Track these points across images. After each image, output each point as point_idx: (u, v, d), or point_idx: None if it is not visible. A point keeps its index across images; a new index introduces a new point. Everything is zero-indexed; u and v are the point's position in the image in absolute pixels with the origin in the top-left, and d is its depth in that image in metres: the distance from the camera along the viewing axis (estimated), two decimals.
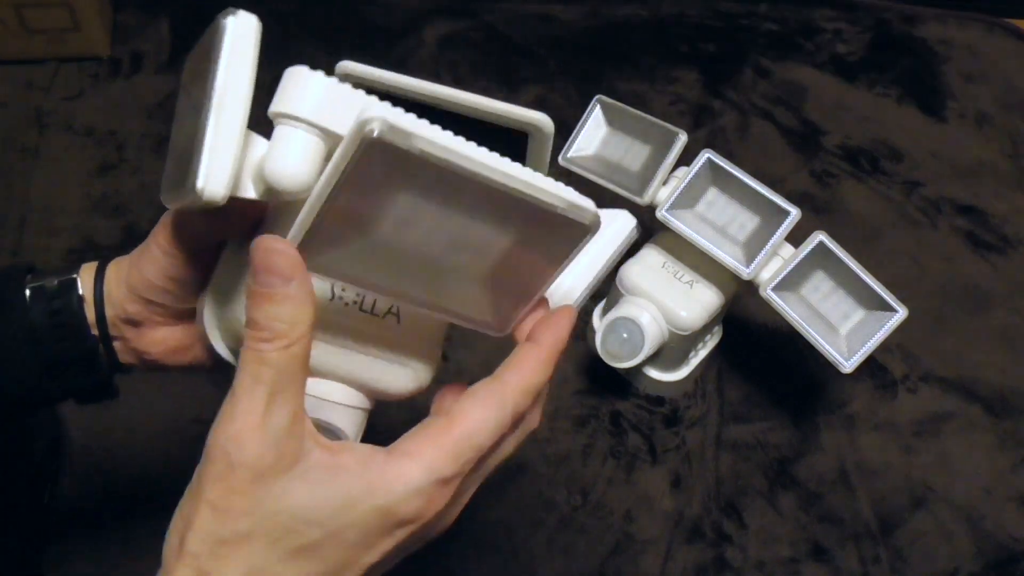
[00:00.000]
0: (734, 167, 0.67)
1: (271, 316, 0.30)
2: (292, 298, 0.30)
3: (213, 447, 0.30)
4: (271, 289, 0.30)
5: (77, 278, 0.43)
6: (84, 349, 0.43)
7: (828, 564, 0.70)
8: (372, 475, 0.30)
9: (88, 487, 0.68)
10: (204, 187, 0.32)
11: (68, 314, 0.42)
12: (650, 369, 0.75)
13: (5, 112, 0.92)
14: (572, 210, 0.32)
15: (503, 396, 0.33)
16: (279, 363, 0.30)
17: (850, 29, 1.10)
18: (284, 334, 0.30)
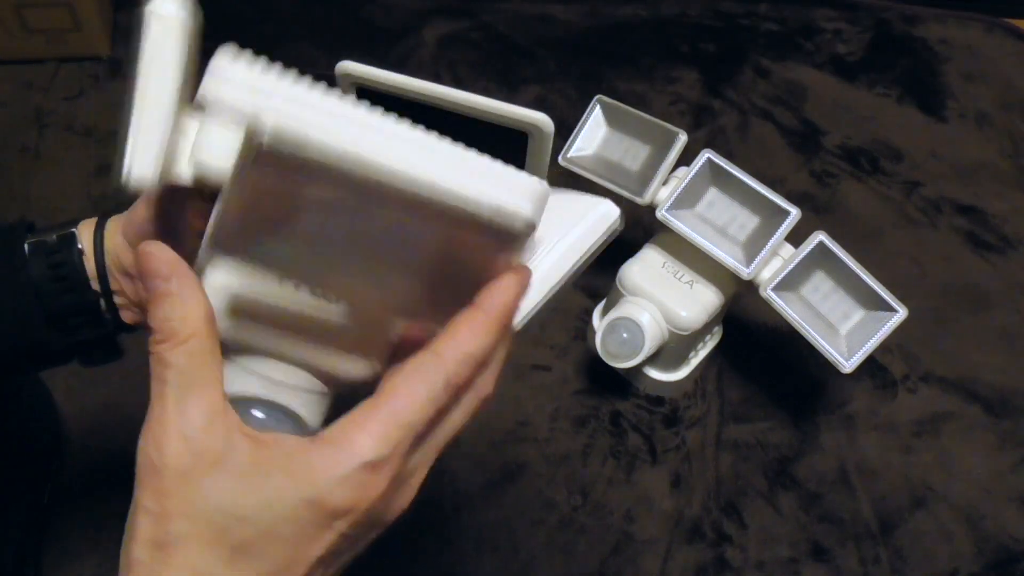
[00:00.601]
0: (734, 167, 0.67)
1: (160, 317, 0.30)
2: (175, 295, 0.30)
3: (139, 454, 0.30)
4: (155, 291, 0.30)
5: (76, 232, 0.45)
6: (86, 302, 0.43)
7: (828, 564, 0.70)
8: (296, 466, 0.29)
9: (88, 487, 0.68)
10: (129, 174, 0.32)
11: (68, 267, 0.43)
12: (650, 369, 0.75)
13: (5, 112, 0.92)
14: (499, 216, 0.29)
15: (435, 368, 0.30)
16: (178, 362, 0.30)
17: (850, 29, 1.10)
18: (176, 332, 0.30)
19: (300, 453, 0.29)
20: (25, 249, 0.44)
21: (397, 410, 0.30)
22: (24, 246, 0.44)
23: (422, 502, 0.74)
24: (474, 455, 0.73)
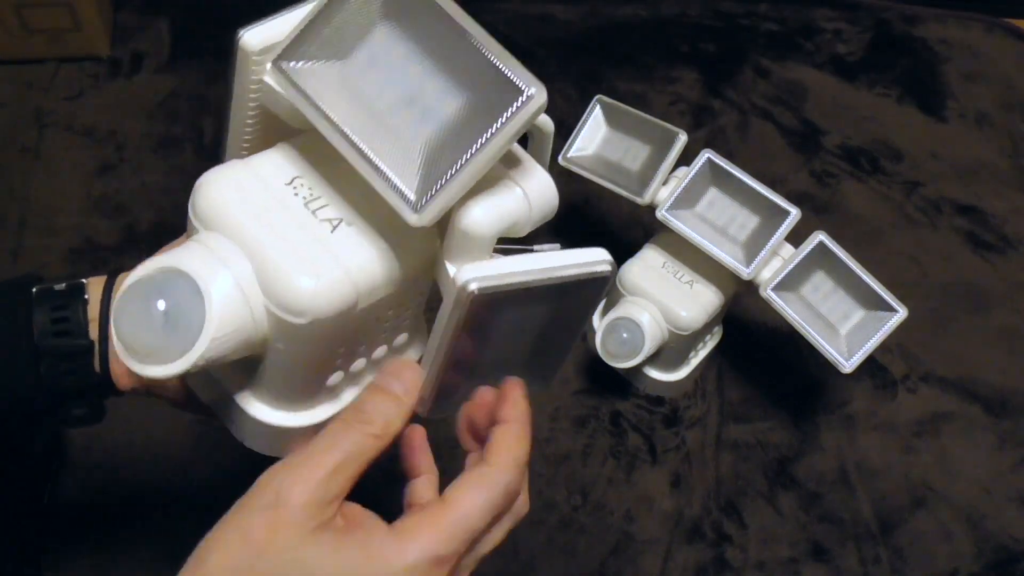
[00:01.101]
0: (734, 167, 0.67)
1: (378, 409, 0.35)
2: (403, 404, 0.36)
3: (266, 483, 0.33)
4: (390, 389, 0.36)
5: (85, 283, 0.44)
6: (79, 347, 0.43)
7: (828, 564, 0.70)
8: (374, 549, 0.32)
9: (88, 487, 0.68)
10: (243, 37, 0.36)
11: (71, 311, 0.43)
12: (650, 369, 0.75)
13: (5, 112, 0.92)
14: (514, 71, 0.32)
15: (493, 476, 0.35)
16: (361, 445, 0.34)
17: (850, 29, 1.10)
18: (378, 425, 0.35)
19: (378, 537, 0.33)
20: (32, 293, 0.44)
21: (465, 514, 0.34)
22: (31, 291, 0.44)
23: None
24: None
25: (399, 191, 0.33)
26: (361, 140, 0.33)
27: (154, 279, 0.34)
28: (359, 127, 0.34)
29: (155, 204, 0.86)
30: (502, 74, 0.32)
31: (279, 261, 0.34)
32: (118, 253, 0.81)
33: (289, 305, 0.34)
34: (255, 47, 0.36)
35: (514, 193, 0.36)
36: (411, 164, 0.33)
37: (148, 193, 0.87)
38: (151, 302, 0.33)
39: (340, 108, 0.34)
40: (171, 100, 0.93)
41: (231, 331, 0.34)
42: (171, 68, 0.97)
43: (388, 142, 0.33)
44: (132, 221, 0.84)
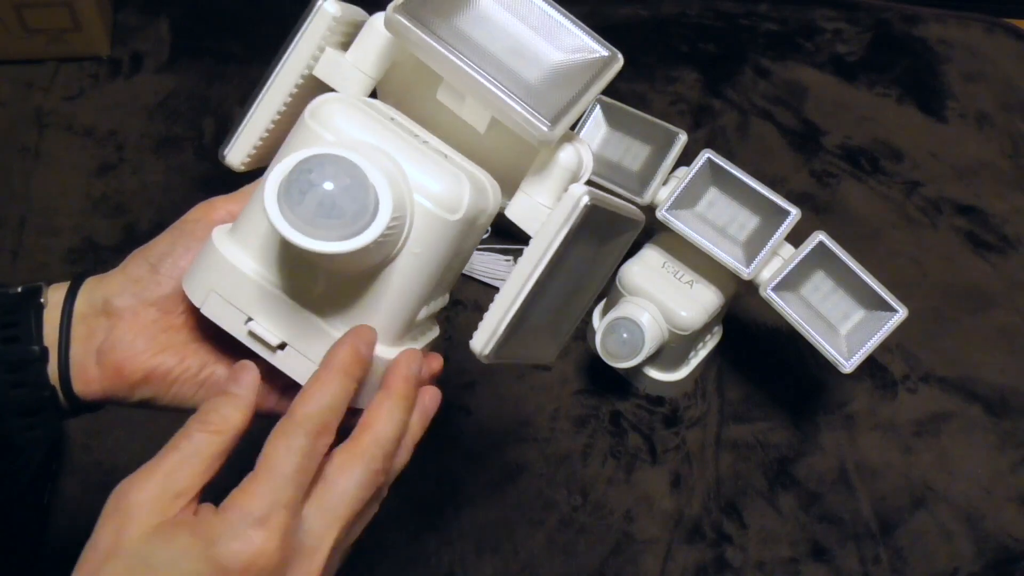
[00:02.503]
0: (734, 167, 0.67)
1: (214, 407, 0.36)
2: (239, 399, 0.36)
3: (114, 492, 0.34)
4: (227, 389, 0.37)
5: (43, 286, 0.42)
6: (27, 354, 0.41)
7: (828, 564, 0.70)
8: (202, 526, 0.33)
9: (88, 487, 0.68)
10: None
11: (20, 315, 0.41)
12: (650, 369, 0.75)
13: (5, 112, 0.92)
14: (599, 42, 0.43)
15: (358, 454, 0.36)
16: (199, 441, 0.35)
17: (850, 29, 1.10)
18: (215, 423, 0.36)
19: (207, 514, 0.33)
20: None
21: (268, 468, 0.34)
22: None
23: (422, 502, 0.74)
24: (474, 455, 0.73)
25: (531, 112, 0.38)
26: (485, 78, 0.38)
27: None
28: (482, 66, 0.38)
29: (155, 204, 0.86)
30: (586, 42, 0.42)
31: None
32: (118, 253, 0.81)
33: (446, 200, 0.38)
34: (335, 11, 0.42)
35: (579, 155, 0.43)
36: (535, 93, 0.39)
37: (148, 193, 0.87)
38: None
39: (462, 50, 0.38)
40: (171, 100, 0.93)
41: (399, 216, 0.36)
42: (171, 68, 0.97)
43: (508, 80, 0.38)
44: (132, 221, 0.84)
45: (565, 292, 0.43)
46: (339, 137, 0.38)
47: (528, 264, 0.39)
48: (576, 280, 0.44)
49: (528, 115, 0.38)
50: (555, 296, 0.42)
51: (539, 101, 0.39)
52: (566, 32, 0.41)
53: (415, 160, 0.39)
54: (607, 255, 0.45)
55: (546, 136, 0.38)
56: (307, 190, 0.34)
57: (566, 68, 0.41)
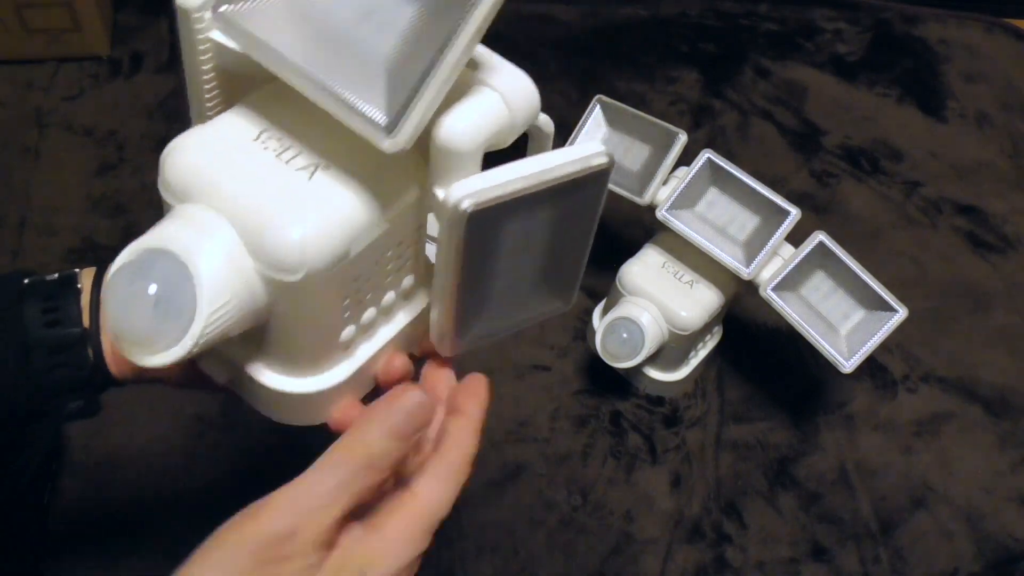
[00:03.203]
0: (734, 167, 0.67)
1: (388, 452, 0.34)
2: (409, 445, 0.34)
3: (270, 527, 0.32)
4: (402, 430, 0.34)
5: (78, 272, 0.43)
6: (71, 336, 0.42)
7: (828, 564, 0.70)
8: (370, 553, 0.34)
9: (88, 487, 0.68)
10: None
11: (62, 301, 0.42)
12: (650, 369, 0.75)
13: (5, 112, 0.92)
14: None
15: (453, 471, 0.37)
16: (371, 487, 0.34)
17: (850, 29, 1.10)
18: (387, 470, 0.34)
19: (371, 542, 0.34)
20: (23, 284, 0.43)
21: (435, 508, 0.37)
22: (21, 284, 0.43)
23: None
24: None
25: (367, 117, 0.30)
26: (319, 71, 0.31)
27: (139, 262, 0.32)
28: (314, 57, 0.31)
29: (155, 204, 0.85)
30: None
31: (260, 219, 0.32)
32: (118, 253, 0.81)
33: (280, 263, 0.32)
34: (194, 3, 0.34)
35: (491, 98, 0.33)
36: (375, 85, 0.30)
37: (148, 193, 0.87)
38: (139, 287, 0.32)
39: (291, 41, 0.31)
40: (171, 100, 0.93)
41: (227, 306, 0.32)
42: (171, 68, 0.97)
43: (348, 67, 0.31)
44: (132, 221, 0.84)
45: (535, 255, 0.37)
46: (179, 198, 0.34)
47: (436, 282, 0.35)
48: (546, 242, 0.36)
49: (365, 126, 0.31)
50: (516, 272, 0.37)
51: (377, 98, 0.30)
52: None
53: (255, 212, 0.32)
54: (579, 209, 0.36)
55: (392, 147, 0.31)
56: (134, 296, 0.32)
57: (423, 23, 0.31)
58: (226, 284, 0.32)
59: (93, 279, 0.43)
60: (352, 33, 0.31)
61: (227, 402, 0.70)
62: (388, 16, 0.31)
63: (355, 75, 0.30)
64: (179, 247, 0.32)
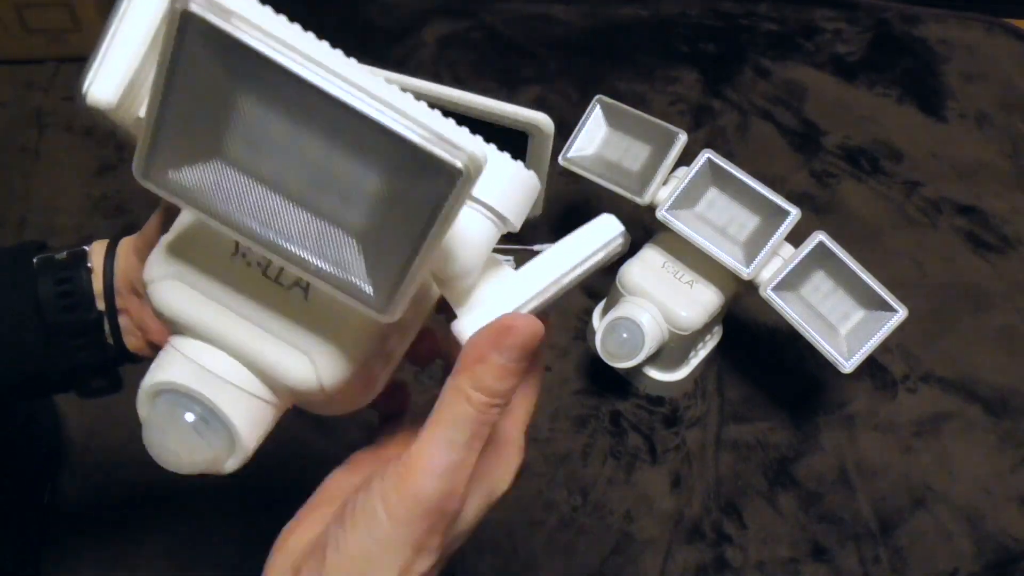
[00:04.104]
0: (734, 167, 0.67)
1: (509, 389, 0.31)
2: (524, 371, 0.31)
3: (427, 499, 0.30)
4: (519, 367, 0.31)
5: (87, 250, 0.44)
6: (88, 321, 0.42)
7: (828, 564, 0.70)
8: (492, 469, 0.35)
9: (88, 487, 0.68)
10: (88, 88, 0.31)
11: (75, 284, 0.42)
12: (650, 369, 0.75)
13: (5, 112, 0.92)
14: (433, 142, 0.25)
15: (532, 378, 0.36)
16: (495, 422, 0.32)
17: (850, 29, 1.10)
18: (509, 400, 0.31)
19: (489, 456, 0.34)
20: (33, 265, 0.43)
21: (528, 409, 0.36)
22: (32, 262, 0.43)
23: None
24: None
25: (358, 294, 0.28)
26: (289, 244, 0.28)
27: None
28: (279, 225, 0.28)
29: (155, 204, 0.85)
30: (418, 149, 0.25)
31: (266, 358, 0.32)
32: None
33: (297, 392, 0.32)
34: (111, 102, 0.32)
35: (480, 218, 0.32)
36: (354, 261, 0.28)
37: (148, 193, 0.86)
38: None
39: (248, 209, 0.28)
40: None
41: (260, 422, 0.33)
42: None
43: (317, 238, 0.28)
44: (132, 221, 0.84)
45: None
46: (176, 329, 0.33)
47: None
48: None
49: (352, 301, 0.28)
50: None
51: (358, 272, 0.28)
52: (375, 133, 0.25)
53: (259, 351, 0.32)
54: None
55: (389, 320, 0.29)
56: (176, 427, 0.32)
57: (391, 196, 0.27)
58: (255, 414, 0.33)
59: (105, 255, 0.43)
60: (313, 203, 0.28)
61: None
62: (348, 188, 0.27)
63: (328, 247, 0.28)
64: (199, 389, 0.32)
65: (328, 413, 0.37)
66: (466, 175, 0.25)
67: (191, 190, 0.28)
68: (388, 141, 0.25)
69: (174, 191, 0.28)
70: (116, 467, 0.69)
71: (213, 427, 0.32)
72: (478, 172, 0.26)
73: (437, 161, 0.25)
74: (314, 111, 0.25)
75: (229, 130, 0.27)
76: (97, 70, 0.31)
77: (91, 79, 0.31)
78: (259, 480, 0.70)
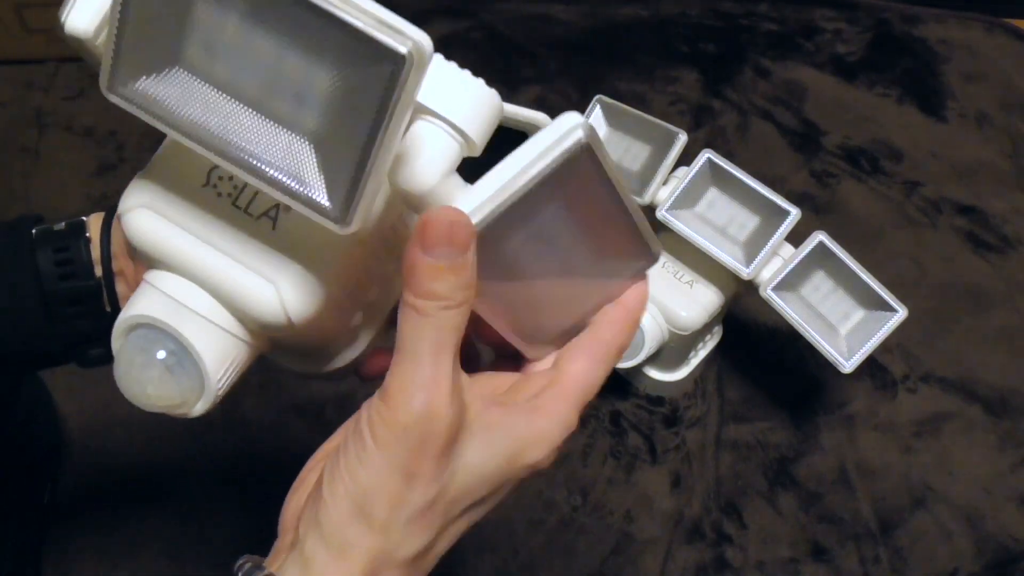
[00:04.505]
0: (734, 167, 0.67)
1: (454, 287, 0.30)
2: (470, 266, 0.30)
3: (407, 417, 0.29)
4: (454, 262, 0.29)
5: (86, 220, 0.44)
6: (87, 288, 0.43)
7: (828, 564, 0.70)
8: (523, 432, 0.33)
9: (88, 487, 0.68)
10: (67, 17, 0.32)
11: (74, 252, 0.43)
12: (650, 369, 0.75)
13: (5, 112, 0.92)
14: (378, 28, 0.25)
15: (606, 352, 0.35)
16: (460, 325, 0.30)
17: (850, 29, 1.10)
18: (466, 299, 0.30)
19: (519, 420, 0.33)
20: (32, 235, 0.43)
21: (584, 385, 0.34)
22: (31, 233, 0.44)
23: None
24: None
25: (312, 202, 0.28)
26: (245, 152, 0.28)
27: (141, 334, 0.33)
28: (237, 135, 0.28)
29: None
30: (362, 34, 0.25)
31: (233, 286, 0.32)
32: None
33: (264, 323, 0.33)
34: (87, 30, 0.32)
35: (434, 134, 0.31)
36: (307, 164, 0.28)
37: None
38: (150, 355, 0.33)
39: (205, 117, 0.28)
40: None
41: (230, 361, 0.34)
42: None
43: (273, 144, 0.28)
44: None
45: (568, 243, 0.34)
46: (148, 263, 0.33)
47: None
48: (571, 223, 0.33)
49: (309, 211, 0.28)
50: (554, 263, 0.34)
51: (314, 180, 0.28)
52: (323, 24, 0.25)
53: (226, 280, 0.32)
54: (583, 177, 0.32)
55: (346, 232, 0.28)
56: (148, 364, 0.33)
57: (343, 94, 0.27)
58: (222, 347, 0.33)
59: (102, 225, 0.44)
60: (267, 107, 0.28)
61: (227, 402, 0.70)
62: (301, 87, 0.27)
63: (283, 153, 0.28)
64: (169, 322, 0.33)
65: (307, 369, 0.38)
66: (411, 61, 0.25)
67: (153, 101, 0.28)
68: (335, 31, 0.25)
69: (138, 103, 0.29)
70: (116, 467, 0.69)
71: (184, 366, 0.33)
72: (424, 60, 0.26)
73: (382, 48, 0.25)
74: (266, 8, 0.26)
75: (187, 36, 0.27)
76: (74, 1, 0.32)
77: (68, 9, 0.32)
78: (259, 480, 0.70)
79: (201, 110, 0.28)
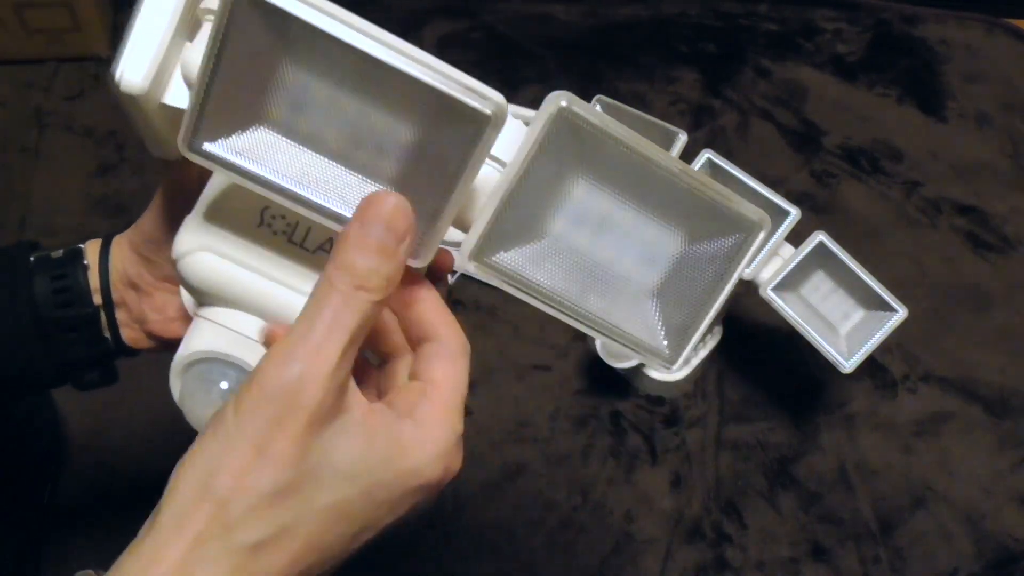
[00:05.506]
0: (734, 167, 0.67)
1: (375, 269, 0.29)
2: (399, 259, 0.29)
3: (272, 385, 0.28)
4: (384, 244, 0.29)
5: (83, 248, 0.44)
6: (84, 315, 0.43)
7: (828, 564, 0.70)
8: (407, 436, 0.30)
9: (88, 487, 0.68)
10: (121, 76, 0.31)
11: (71, 280, 0.43)
12: (650, 369, 0.75)
13: (5, 112, 0.92)
14: (465, 92, 0.28)
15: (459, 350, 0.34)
16: (368, 314, 0.29)
17: (850, 29, 1.10)
18: (381, 289, 0.29)
19: (403, 426, 0.31)
20: (30, 263, 0.43)
21: (458, 388, 0.33)
22: (29, 260, 0.43)
23: None
24: (474, 455, 0.73)
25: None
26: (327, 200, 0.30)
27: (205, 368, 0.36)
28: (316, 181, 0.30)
29: None
30: (451, 99, 0.28)
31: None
32: None
33: None
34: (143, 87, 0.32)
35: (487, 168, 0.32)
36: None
37: (148, 193, 0.86)
38: (213, 386, 0.36)
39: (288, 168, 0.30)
40: None
41: None
42: None
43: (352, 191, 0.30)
44: (132, 221, 0.84)
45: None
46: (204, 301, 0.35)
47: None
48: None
49: None
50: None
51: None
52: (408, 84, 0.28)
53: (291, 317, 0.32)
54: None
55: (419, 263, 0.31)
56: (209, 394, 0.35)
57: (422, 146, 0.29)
58: None
59: (99, 252, 0.44)
60: (347, 157, 0.30)
61: None
62: (382, 138, 0.29)
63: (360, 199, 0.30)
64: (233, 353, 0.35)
65: None
66: (494, 120, 0.28)
67: (233, 159, 0.30)
68: (423, 94, 0.28)
69: (217, 161, 0.30)
70: (116, 467, 0.69)
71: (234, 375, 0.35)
72: (503, 118, 0.29)
73: (469, 109, 0.28)
74: (355, 72, 0.28)
75: (272, 96, 0.29)
76: (127, 58, 0.32)
77: (122, 67, 0.32)
78: None
79: (282, 164, 0.30)
